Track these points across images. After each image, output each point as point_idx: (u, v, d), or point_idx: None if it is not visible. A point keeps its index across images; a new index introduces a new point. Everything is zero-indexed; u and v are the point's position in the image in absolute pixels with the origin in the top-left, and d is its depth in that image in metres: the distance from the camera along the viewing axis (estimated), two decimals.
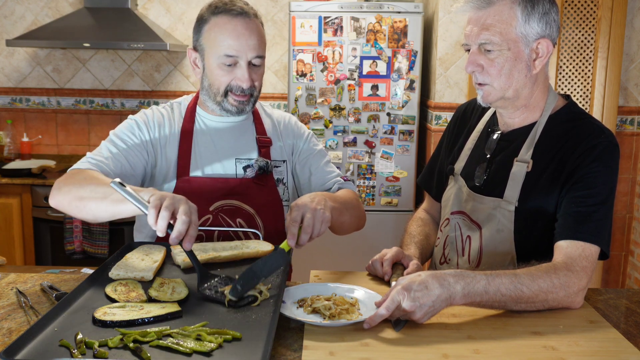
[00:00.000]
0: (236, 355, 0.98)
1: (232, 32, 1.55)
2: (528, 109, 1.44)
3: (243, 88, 1.59)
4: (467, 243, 1.48)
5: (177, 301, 1.18)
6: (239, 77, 1.58)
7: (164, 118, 1.68)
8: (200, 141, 1.67)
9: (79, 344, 0.99)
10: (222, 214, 1.63)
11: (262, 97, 4.00)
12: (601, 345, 1.06)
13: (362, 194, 3.52)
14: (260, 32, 1.60)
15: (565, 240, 1.29)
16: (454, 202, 1.54)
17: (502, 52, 1.35)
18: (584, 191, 1.33)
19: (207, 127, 1.69)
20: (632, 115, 3.37)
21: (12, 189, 3.51)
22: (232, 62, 1.57)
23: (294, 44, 3.41)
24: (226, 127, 1.69)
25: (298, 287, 1.29)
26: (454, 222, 1.53)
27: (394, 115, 3.44)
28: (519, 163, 1.41)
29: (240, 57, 1.56)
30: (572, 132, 1.40)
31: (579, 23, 3.10)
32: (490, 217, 1.43)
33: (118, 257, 1.43)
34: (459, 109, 1.69)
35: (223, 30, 1.56)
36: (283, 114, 1.81)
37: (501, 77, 1.37)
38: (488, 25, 1.34)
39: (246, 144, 1.69)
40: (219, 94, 1.61)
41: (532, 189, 1.39)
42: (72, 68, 4.03)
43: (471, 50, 1.38)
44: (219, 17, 1.57)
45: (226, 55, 1.56)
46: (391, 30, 3.36)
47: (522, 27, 1.34)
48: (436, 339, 1.08)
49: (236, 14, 1.56)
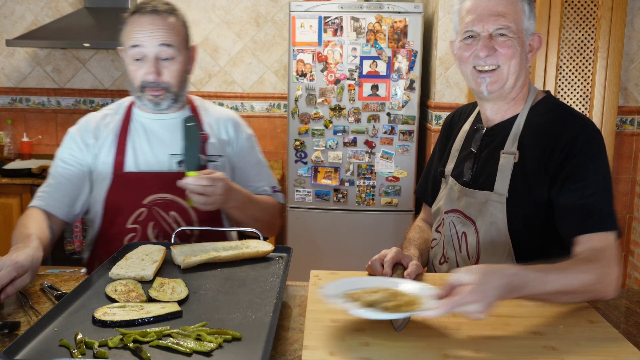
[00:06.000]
0: (236, 355, 0.98)
1: (139, 27, 1.66)
2: (514, 101, 1.48)
3: (150, 81, 1.67)
4: (463, 239, 1.50)
5: (177, 301, 1.18)
6: (145, 70, 1.66)
7: (101, 121, 1.78)
8: (136, 138, 1.75)
9: (79, 344, 0.99)
10: (156, 207, 1.70)
11: (262, 97, 4.04)
12: (601, 345, 1.06)
13: (362, 194, 3.52)
14: (170, 27, 1.67)
15: (583, 235, 1.31)
16: (447, 201, 1.56)
17: (514, 39, 1.39)
18: (578, 183, 1.34)
19: (142, 124, 1.78)
20: (632, 115, 3.37)
21: (12, 189, 3.51)
22: (140, 56, 1.66)
23: (294, 44, 3.41)
24: (161, 124, 1.77)
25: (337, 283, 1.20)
26: (449, 220, 1.55)
27: (394, 115, 3.44)
28: (505, 155, 1.43)
29: (145, 50, 1.65)
30: (553, 122, 1.42)
31: (579, 23, 3.10)
32: (483, 210, 1.45)
33: (118, 257, 1.43)
34: (447, 118, 1.74)
35: (133, 25, 1.68)
36: (225, 111, 1.89)
37: (512, 61, 1.40)
38: (503, 12, 1.39)
39: (180, 139, 1.74)
40: (137, 90, 1.71)
41: (521, 180, 1.41)
42: (72, 68, 4.03)
43: (482, 36, 1.40)
44: (133, 17, 1.69)
45: (132, 47, 1.66)
46: (391, 30, 3.36)
47: (526, 21, 1.42)
48: (436, 339, 1.08)
49: (145, 12, 1.67)
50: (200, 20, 3.97)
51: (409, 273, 1.35)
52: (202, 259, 1.40)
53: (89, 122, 1.80)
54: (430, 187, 1.73)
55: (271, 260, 1.46)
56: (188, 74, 1.77)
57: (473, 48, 1.41)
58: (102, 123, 1.78)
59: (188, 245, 1.47)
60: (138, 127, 1.77)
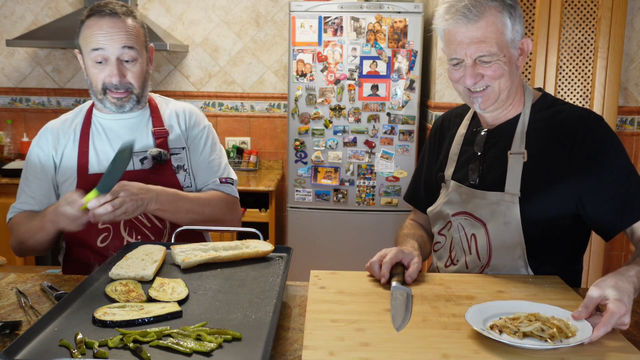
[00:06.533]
0: (236, 355, 0.98)
1: (98, 29, 1.66)
2: (512, 105, 1.51)
3: (114, 84, 1.68)
4: (472, 241, 1.51)
5: (177, 301, 1.18)
6: (108, 73, 1.67)
7: (60, 129, 1.79)
8: (97, 140, 1.77)
9: (79, 344, 0.99)
10: None
11: (262, 97, 4.04)
12: (601, 345, 1.06)
13: (362, 194, 3.52)
14: (130, 29, 1.69)
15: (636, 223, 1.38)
16: (454, 204, 1.56)
17: (499, 59, 1.40)
18: (608, 173, 1.39)
19: (102, 126, 1.78)
20: (632, 115, 3.37)
21: (12, 189, 3.50)
22: (102, 59, 1.67)
23: (294, 44, 3.41)
24: (120, 124, 1.79)
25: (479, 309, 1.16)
26: (457, 223, 1.55)
27: (394, 115, 3.44)
28: (513, 155, 1.46)
29: (107, 53, 1.66)
30: (559, 116, 1.46)
31: (579, 23, 3.11)
32: (495, 211, 1.46)
33: (118, 257, 1.43)
34: (436, 122, 1.74)
35: (92, 28, 1.67)
36: (185, 104, 1.91)
37: (501, 79, 1.42)
38: (484, 38, 1.38)
39: (141, 137, 1.77)
40: (98, 92, 1.71)
41: (532, 178, 1.43)
42: (72, 68, 4.03)
43: (467, 64, 1.41)
44: (91, 19, 1.69)
45: (93, 50, 1.66)
46: (391, 30, 3.36)
47: (510, 33, 1.40)
48: (436, 339, 1.08)
49: (104, 15, 1.67)
50: (200, 20, 3.97)
51: (410, 274, 1.35)
52: (202, 259, 1.40)
53: (46, 131, 1.81)
54: (422, 192, 1.73)
55: (271, 260, 1.46)
56: (148, 74, 1.80)
57: (461, 73, 1.44)
58: (61, 129, 1.79)
59: (188, 245, 1.47)
60: (99, 129, 1.78)
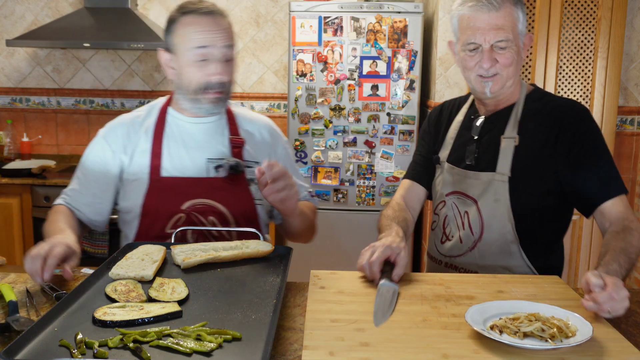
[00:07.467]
0: (236, 355, 0.98)
1: (201, 28, 1.61)
2: (510, 93, 1.63)
3: (216, 83, 1.63)
4: (465, 217, 1.63)
5: (177, 301, 1.18)
6: (211, 72, 1.62)
7: (131, 124, 1.74)
8: (172, 142, 1.71)
9: (79, 344, 0.99)
10: (195, 213, 1.66)
11: (262, 97, 4.04)
12: (601, 345, 1.06)
13: (362, 194, 3.52)
14: (229, 29, 1.67)
15: (607, 202, 1.52)
16: (447, 184, 1.69)
17: (512, 47, 1.53)
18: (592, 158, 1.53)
19: (179, 128, 1.73)
20: (632, 115, 3.37)
21: (12, 189, 3.51)
22: (204, 57, 1.61)
23: (294, 44, 3.41)
24: (198, 128, 1.73)
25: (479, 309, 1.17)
26: (450, 202, 1.67)
27: (394, 115, 3.44)
28: (506, 139, 1.59)
29: (213, 51, 1.61)
30: (548, 106, 1.61)
31: (579, 23, 3.11)
32: (486, 190, 1.59)
33: (118, 257, 1.43)
34: (434, 111, 1.83)
35: (193, 27, 1.61)
36: (260, 117, 1.86)
37: (510, 67, 1.55)
38: (502, 25, 1.51)
39: (218, 144, 1.72)
40: (195, 92, 1.65)
41: (523, 160, 1.57)
42: (72, 68, 4.03)
43: (484, 48, 1.53)
44: (188, 17, 1.63)
45: (196, 47, 1.60)
46: (391, 30, 3.36)
47: (521, 26, 1.56)
48: (436, 339, 1.08)
49: (203, 13, 1.63)
50: None
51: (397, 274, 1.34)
52: (202, 259, 1.40)
53: (118, 125, 1.77)
54: (424, 167, 1.79)
55: (271, 260, 1.46)
56: None
57: (477, 59, 1.54)
58: (133, 126, 1.74)
59: (188, 245, 1.47)
60: (174, 130, 1.72)
